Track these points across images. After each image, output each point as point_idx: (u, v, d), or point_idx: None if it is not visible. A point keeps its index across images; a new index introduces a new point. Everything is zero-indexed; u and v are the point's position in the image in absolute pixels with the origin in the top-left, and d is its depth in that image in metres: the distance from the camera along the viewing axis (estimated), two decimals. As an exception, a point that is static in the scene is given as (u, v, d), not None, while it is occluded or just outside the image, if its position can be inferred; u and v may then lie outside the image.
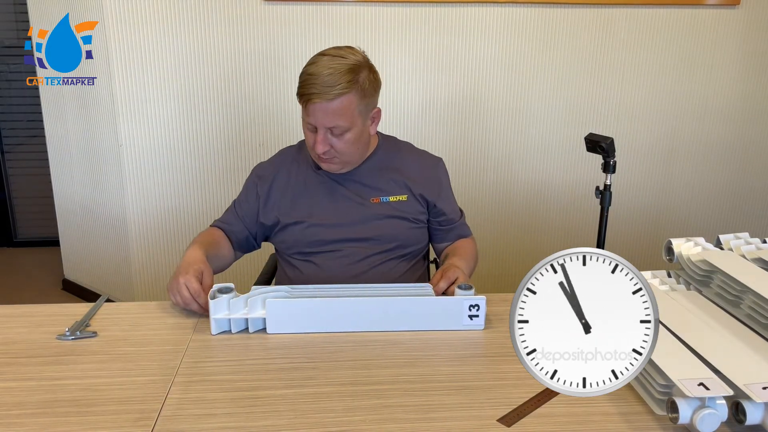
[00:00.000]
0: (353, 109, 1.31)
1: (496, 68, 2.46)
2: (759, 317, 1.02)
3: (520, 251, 2.67)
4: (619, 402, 0.94)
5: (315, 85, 1.27)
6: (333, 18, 2.35)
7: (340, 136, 1.33)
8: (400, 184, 1.45)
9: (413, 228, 1.46)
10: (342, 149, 1.35)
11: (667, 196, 2.70)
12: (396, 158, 1.48)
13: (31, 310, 1.24)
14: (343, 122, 1.31)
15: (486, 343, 1.14)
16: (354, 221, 1.42)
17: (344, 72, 1.28)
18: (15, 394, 0.96)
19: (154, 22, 2.31)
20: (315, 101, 1.28)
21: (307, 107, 1.30)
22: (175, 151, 2.46)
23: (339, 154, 1.36)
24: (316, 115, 1.30)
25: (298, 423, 0.89)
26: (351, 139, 1.34)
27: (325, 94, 1.27)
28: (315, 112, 1.29)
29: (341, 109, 1.29)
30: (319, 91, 1.27)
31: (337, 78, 1.27)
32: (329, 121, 1.30)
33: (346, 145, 1.34)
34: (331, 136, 1.33)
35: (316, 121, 1.31)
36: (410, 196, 1.45)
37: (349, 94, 1.29)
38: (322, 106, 1.28)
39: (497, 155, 2.57)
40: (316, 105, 1.28)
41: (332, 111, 1.29)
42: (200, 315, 1.21)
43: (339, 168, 1.41)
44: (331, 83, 1.27)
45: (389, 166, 1.46)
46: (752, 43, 2.53)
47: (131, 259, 2.57)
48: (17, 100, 3.44)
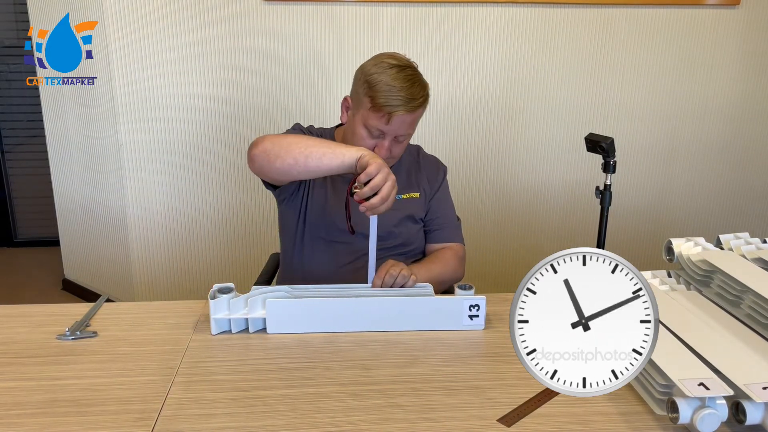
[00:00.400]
0: (420, 117, 1.37)
1: (496, 68, 2.46)
2: (759, 317, 1.02)
3: (520, 251, 2.67)
4: (619, 402, 0.94)
5: (401, 97, 1.30)
6: (333, 18, 2.35)
7: (401, 143, 1.38)
8: (413, 182, 1.49)
9: (417, 228, 1.49)
10: (397, 153, 1.40)
11: (667, 196, 2.70)
12: (409, 158, 1.52)
13: (31, 310, 1.24)
14: (412, 130, 1.37)
15: (486, 343, 1.14)
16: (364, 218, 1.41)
17: (422, 85, 1.34)
18: (15, 394, 0.96)
19: (154, 22, 2.31)
20: (399, 113, 1.30)
21: (389, 119, 1.31)
22: (175, 151, 2.46)
23: (392, 158, 1.40)
24: (394, 125, 1.32)
25: (298, 423, 0.89)
26: (406, 143, 1.40)
27: (408, 106, 1.30)
28: (395, 122, 1.32)
29: (416, 120, 1.36)
30: (405, 103, 1.30)
31: (418, 90, 1.32)
32: (404, 130, 1.34)
33: (400, 148, 1.39)
34: (394, 142, 1.36)
35: (393, 130, 1.33)
36: (422, 194, 1.49)
37: (425, 104, 1.35)
38: (404, 117, 1.31)
39: (497, 155, 2.57)
40: (399, 116, 1.31)
41: (410, 121, 1.34)
42: (200, 315, 1.21)
43: None
44: (414, 96, 1.31)
45: (404, 165, 1.50)
46: (752, 43, 2.53)
47: (131, 259, 2.57)
48: (17, 100, 3.44)
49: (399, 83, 1.30)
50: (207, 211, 2.53)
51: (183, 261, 2.57)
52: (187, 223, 2.54)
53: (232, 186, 2.50)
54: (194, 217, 2.54)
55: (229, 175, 2.49)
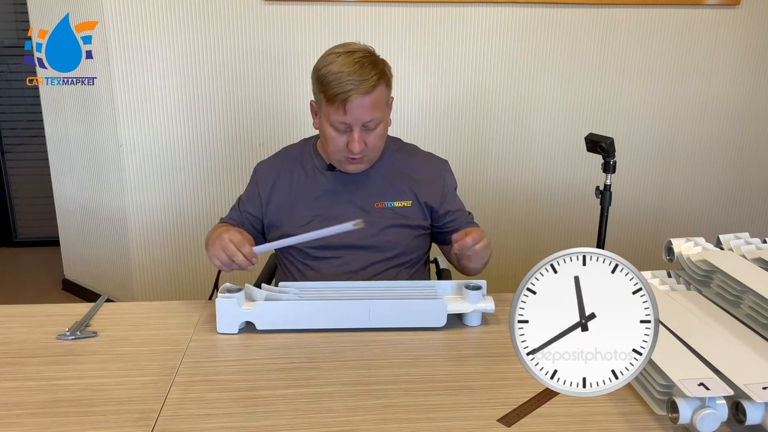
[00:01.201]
0: (383, 99, 1.31)
1: (497, 68, 2.46)
2: (759, 317, 1.02)
3: (520, 251, 2.67)
4: (619, 402, 0.94)
5: (349, 81, 1.25)
6: (333, 18, 2.35)
7: (373, 131, 1.32)
8: (406, 190, 1.43)
9: (416, 236, 1.44)
10: (374, 144, 1.34)
11: (667, 196, 2.70)
12: (402, 161, 1.46)
13: (31, 310, 1.24)
14: (378, 114, 1.30)
15: (486, 343, 1.14)
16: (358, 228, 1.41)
17: (370, 64, 1.28)
18: (15, 394, 0.96)
19: (154, 22, 2.31)
20: (353, 97, 1.26)
21: (344, 106, 1.27)
22: (175, 151, 2.46)
23: (370, 151, 1.35)
24: (354, 112, 1.27)
25: (298, 423, 0.89)
26: (381, 131, 1.34)
27: (360, 88, 1.25)
28: (353, 109, 1.27)
29: (377, 101, 1.29)
30: (356, 86, 1.25)
31: (367, 70, 1.26)
32: (367, 115, 1.28)
33: (377, 139, 1.34)
34: (365, 132, 1.31)
35: (353, 118, 1.28)
36: (415, 202, 1.43)
37: (381, 84, 1.29)
38: (360, 101, 1.26)
39: (497, 155, 2.57)
40: (354, 101, 1.26)
41: (370, 104, 1.28)
42: (200, 315, 1.21)
43: (365, 167, 1.39)
44: (364, 76, 1.26)
45: (395, 170, 1.44)
46: (752, 43, 2.53)
47: (131, 259, 2.57)
48: (17, 100, 3.44)
49: (346, 68, 1.25)
50: (207, 211, 2.53)
51: (183, 261, 2.57)
52: (187, 223, 2.54)
53: (232, 186, 2.50)
54: (194, 217, 2.54)
55: (229, 175, 2.49)
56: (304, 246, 1.41)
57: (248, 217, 1.46)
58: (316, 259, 1.42)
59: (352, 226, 1.17)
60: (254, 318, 1.15)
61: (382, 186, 1.43)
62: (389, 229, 1.41)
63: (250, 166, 1.54)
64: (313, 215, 1.42)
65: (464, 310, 1.18)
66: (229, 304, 1.14)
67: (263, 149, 2.45)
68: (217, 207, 2.52)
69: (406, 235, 1.42)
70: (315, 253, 1.42)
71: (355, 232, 1.40)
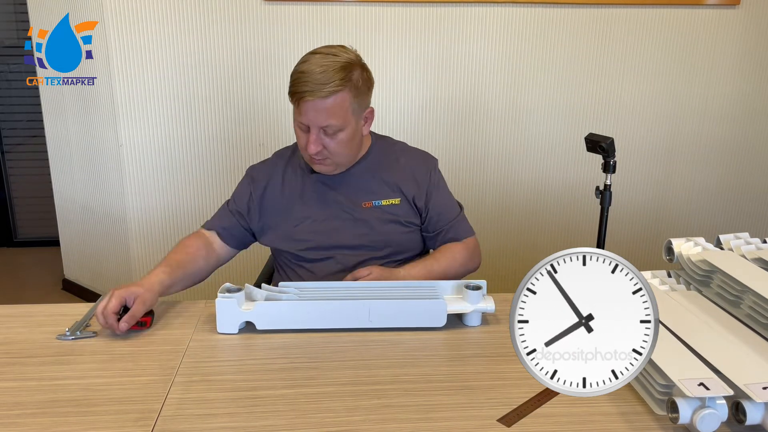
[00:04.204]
0: (346, 108, 1.29)
1: (496, 68, 2.46)
2: (759, 317, 1.02)
3: (520, 251, 2.67)
4: (619, 402, 0.94)
5: (308, 82, 1.25)
6: (333, 18, 2.35)
7: (333, 136, 1.30)
8: (393, 188, 1.42)
9: (407, 232, 1.43)
10: (335, 150, 1.32)
11: (667, 196, 2.70)
12: (389, 159, 1.45)
13: (31, 310, 1.24)
14: (336, 121, 1.28)
15: (486, 343, 1.14)
16: (345, 228, 1.40)
17: (337, 69, 1.26)
18: (15, 394, 0.96)
19: (154, 22, 2.31)
20: (308, 99, 1.25)
21: (299, 106, 1.28)
22: (175, 151, 2.46)
23: (332, 155, 1.33)
24: (308, 114, 1.27)
25: (298, 423, 0.89)
26: (344, 139, 1.32)
27: (317, 92, 1.25)
28: (307, 110, 1.27)
29: (334, 108, 1.27)
30: (312, 88, 1.24)
31: (330, 75, 1.25)
32: (322, 120, 1.28)
33: (339, 145, 1.32)
34: (324, 135, 1.30)
35: (308, 120, 1.28)
36: (403, 199, 1.43)
37: (343, 91, 1.27)
38: (314, 104, 1.26)
39: (497, 155, 2.57)
40: (308, 103, 1.26)
41: (325, 109, 1.27)
42: (200, 315, 1.22)
43: (332, 169, 1.39)
44: (324, 80, 1.25)
45: (382, 168, 1.44)
46: (752, 43, 2.53)
47: (131, 259, 2.57)
48: (17, 100, 3.44)
49: (313, 68, 1.25)
50: (207, 211, 2.53)
51: (183, 261, 2.57)
52: (187, 223, 2.54)
53: (231, 186, 2.47)
54: (194, 217, 2.53)
55: (228, 175, 2.49)
56: (296, 249, 1.42)
57: (238, 219, 1.46)
58: (310, 261, 1.43)
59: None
60: (254, 318, 1.15)
61: (368, 185, 1.42)
62: (378, 226, 1.41)
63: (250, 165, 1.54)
64: (304, 216, 1.42)
65: (464, 310, 1.18)
66: (229, 304, 1.14)
67: (262, 149, 2.45)
68: (216, 207, 2.51)
69: (396, 233, 1.42)
70: (307, 255, 1.42)
71: (346, 232, 1.40)
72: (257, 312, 1.15)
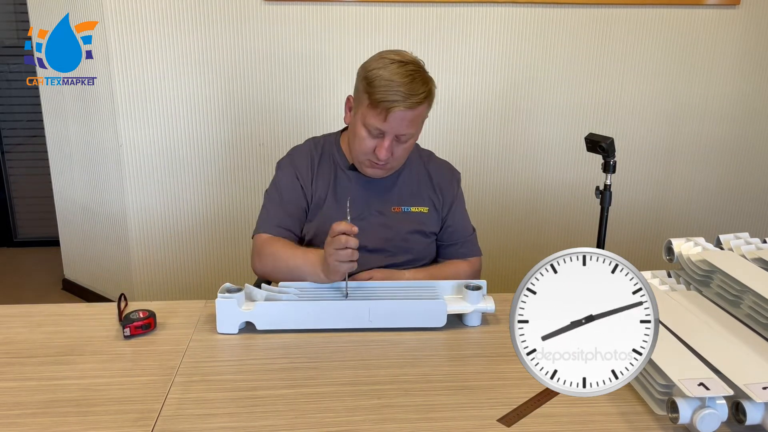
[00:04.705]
0: (423, 116, 1.33)
1: (496, 68, 2.46)
2: (759, 317, 1.02)
3: (520, 251, 2.67)
4: (619, 402, 0.94)
5: (399, 92, 1.25)
6: (333, 18, 2.35)
7: (403, 144, 1.33)
8: (423, 196, 1.45)
9: (428, 244, 1.45)
10: (400, 155, 1.35)
11: (667, 195, 2.70)
12: (420, 168, 1.48)
13: (31, 310, 1.24)
14: (414, 130, 1.32)
15: (486, 343, 1.14)
16: (370, 229, 1.40)
17: (424, 81, 1.29)
18: (15, 394, 0.96)
19: (154, 22, 2.31)
20: (397, 109, 1.26)
21: (386, 114, 1.27)
22: (175, 151, 2.46)
23: (394, 160, 1.35)
24: (393, 123, 1.27)
25: (298, 423, 0.89)
26: (410, 145, 1.35)
27: (407, 102, 1.26)
28: (394, 119, 1.27)
29: (416, 118, 1.30)
30: (404, 98, 1.25)
31: (419, 86, 1.27)
32: (404, 129, 1.29)
33: (404, 151, 1.35)
34: (396, 143, 1.32)
35: (390, 128, 1.28)
36: (431, 208, 1.45)
37: (426, 102, 1.30)
38: (402, 114, 1.26)
39: (497, 155, 2.57)
40: (397, 113, 1.26)
41: (410, 119, 1.28)
42: (200, 315, 1.22)
43: (384, 174, 1.39)
44: (414, 91, 1.26)
45: (414, 176, 1.46)
46: (752, 43, 2.53)
47: (131, 259, 2.57)
48: (17, 100, 3.43)
49: (398, 78, 1.25)
50: (207, 211, 2.53)
51: (183, 261, 2.57)
52: (187, 223, 2.54)
53: (232, 186, 2.50)
54: (194, 217, 2.53)
55: (229, 175, 2.49)
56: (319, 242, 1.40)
57: (296, 214, 1.41)
58: None
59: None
60: (254, 318, 1.15)
61: (401, 191, 1.44)
62: (405, 234, 1.42)
63: (250, 166, 1.53)
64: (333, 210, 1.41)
65: (464, 310, 1.18)
66: (229, 304, 1.14)
67: (263, 149, 2.45)
68: (217, 207, 2.52)
69: (419, 241, 1.43)
70: None
71: (370, 234, 1.39)
72: (257, 312, 1.15)
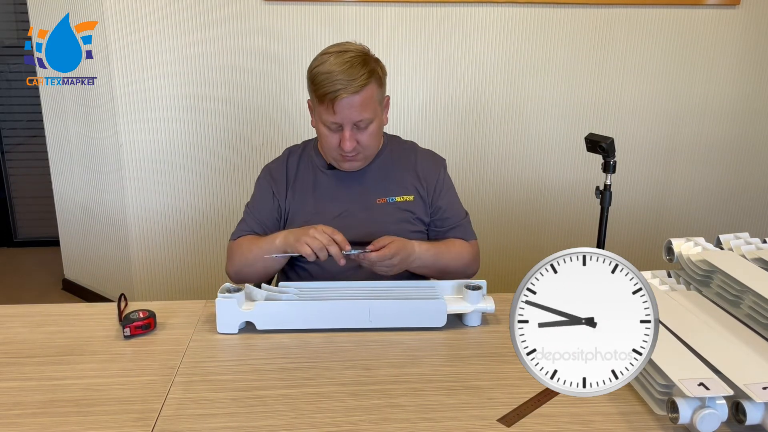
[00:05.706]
0: (375, 99, 1.32)
1: (496, 68, 2.46)
2: (759, 317, 1.02)
3: (520, 251, 2.67)
4: (619, 402, 0.94)
5: (338, 81, 1.26)
6: (333, 18, 2.35)
7: (365, 130, 1.33)
8: (407, 184, 1.45)
9: (416, 233, 1.44)
10: (367, 143, 1.35)
11: (667, 195, 2.70)
12: (401, 157, 1.48)
13: (31, 310, 1.24)
14: (368, 114, 1.31)
15: (486, 343, 1.14)
16: (356, 225, 1.41)
17: (360, 63, 1.29)
18: (15, 394, 0.96)
19: (154, 22, 2.31)
20: (342, 97, 1.27)
21: (333, 106, 1.28)
22: (175, 151, 2.46)
23: (363, 149, 1.36)
24: (343, 112, 1.29)
25: (298, 423, 0.89)
26: (374, 130, 1.35)
27: (349, 88, 1.27)
28: (342, 108, 1.28)
29: (366, 101, 1.30)
30: (344, 85, 1.26)
31: (357, 70, 1.27)
32: (356, 115, 1.30)
33: (370, 137, 1.35)
34: (357, 131, 1.32)
35: (343, 117, 1.29)
36: (417, 196, 1.45)
37: (370, 83, 1.30)
38: (349, 100, 1.28)
39: (497, 155, 2.57)
40: (343, 101, 1.27)
41: (359, 104, 1.29)
42: (200, 315, 1.21)
43: (361, 164, 1.41)
44: (352, 76, 1.27)
45: (395, 165, 1.46)
46: (752, 43, 2.53)
47: (131, 259, 2.57)
48: (17, 100, 3.43)
49: (336, 68, 1.26)
50: (207, 211, 2.53)
51: (183, 261, 2.57)
52: (187, 223, 2.54)
53: (231, 186, 2.50)
54: (194, 217, 2.53)
55: (228, 175, 2.49)
56: None
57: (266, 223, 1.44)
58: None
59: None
60: (254, 318, 1.15)
61: (383, 182, 1.44)
62: (392, 225, 1.42)
63: (250, 166, 1.54)
64: (315, 212, 1.42)
65: (464, 310, 1.18)
66: (229, 304, 1.14)
67: (263, 149, 2.45)
68: (217, 207, 2.52)
69: (405, 233, 1.43)
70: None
71: (357, 229, 1.40)
72: (257, 312, 1.15)
